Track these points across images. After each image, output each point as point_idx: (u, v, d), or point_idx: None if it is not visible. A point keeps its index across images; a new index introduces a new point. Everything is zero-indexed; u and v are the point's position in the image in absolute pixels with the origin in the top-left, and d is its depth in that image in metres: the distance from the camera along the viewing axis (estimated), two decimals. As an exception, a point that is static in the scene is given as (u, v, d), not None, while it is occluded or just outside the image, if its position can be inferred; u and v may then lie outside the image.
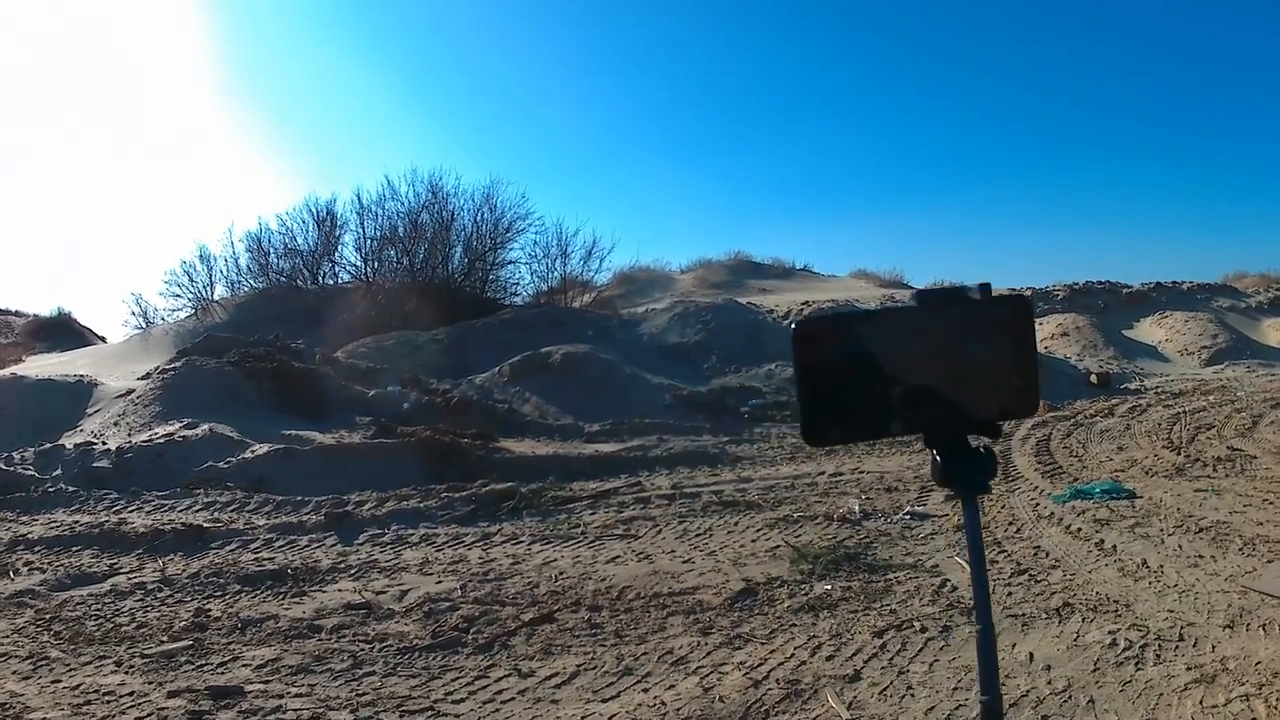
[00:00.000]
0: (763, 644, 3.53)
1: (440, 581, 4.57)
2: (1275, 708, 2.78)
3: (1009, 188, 52.50)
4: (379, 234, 17.15)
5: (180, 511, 6.20)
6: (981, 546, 0.77)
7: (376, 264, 17.22)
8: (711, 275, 22.80)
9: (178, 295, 17.62)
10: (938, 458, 0.77)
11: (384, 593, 4.41)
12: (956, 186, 52.61)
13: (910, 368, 0.76)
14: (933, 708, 2.91)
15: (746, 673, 3.22)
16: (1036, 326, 0.89)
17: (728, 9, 54.66)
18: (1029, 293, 16.31)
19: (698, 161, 56.89)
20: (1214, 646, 3.27)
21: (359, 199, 17.44)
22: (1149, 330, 15.25)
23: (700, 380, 10.58)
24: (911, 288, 18.65)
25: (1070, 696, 2.95)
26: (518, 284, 17.20)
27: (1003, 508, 5.66)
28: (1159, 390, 11.22)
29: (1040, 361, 12.17)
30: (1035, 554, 4.65)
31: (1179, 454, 7.14)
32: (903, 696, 3.00)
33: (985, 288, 0.74)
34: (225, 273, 17.87)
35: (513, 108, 55.68)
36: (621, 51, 57.23)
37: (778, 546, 4.94)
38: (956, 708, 2.88)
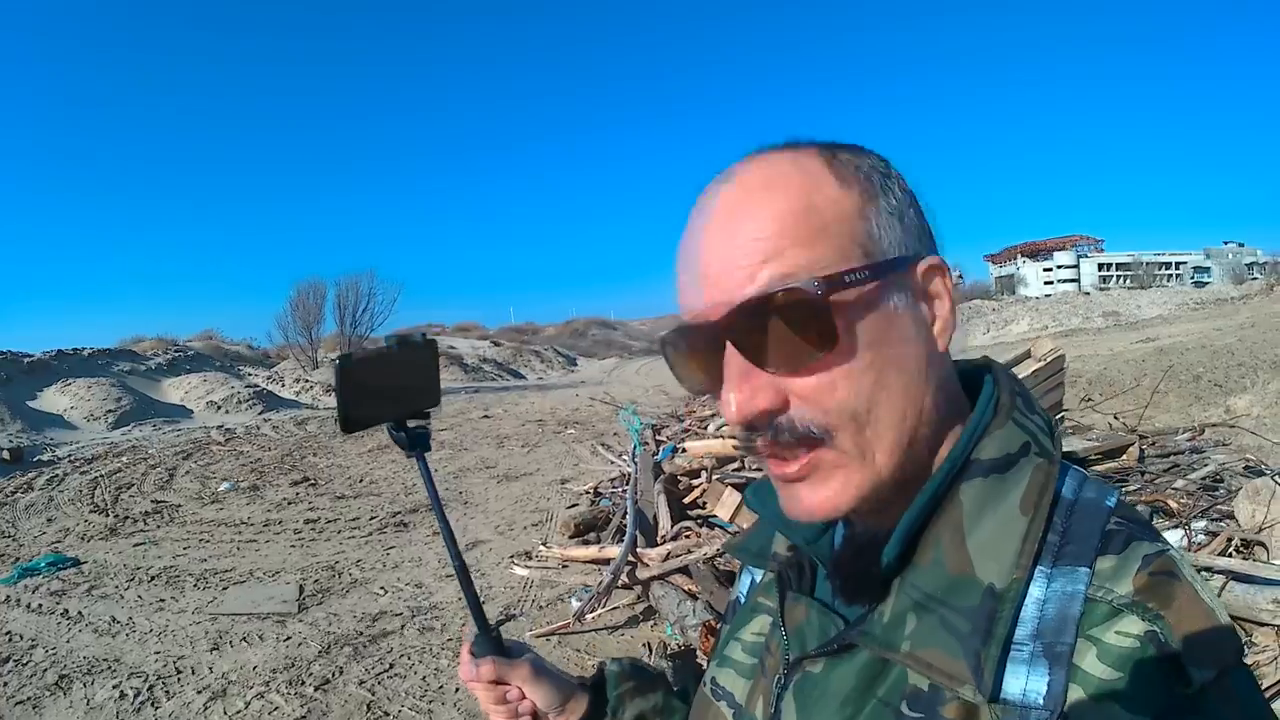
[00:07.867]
0: None
1: None
2: (296, 694, 3.50)
3: None
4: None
5: None
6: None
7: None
8: None
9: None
10: None
11: None
12: None
13: None
14: None
15: None
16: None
17: None
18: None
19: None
20: (211, 668, 3.77)
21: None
22: (54, 399, 14.72)
23: None
24: None
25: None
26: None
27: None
28: (73, 458, 11.05)
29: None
30: (9, 639, 4.21)
31: (108, 515, 7.38)
32: None
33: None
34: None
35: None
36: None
37: None
38: None
